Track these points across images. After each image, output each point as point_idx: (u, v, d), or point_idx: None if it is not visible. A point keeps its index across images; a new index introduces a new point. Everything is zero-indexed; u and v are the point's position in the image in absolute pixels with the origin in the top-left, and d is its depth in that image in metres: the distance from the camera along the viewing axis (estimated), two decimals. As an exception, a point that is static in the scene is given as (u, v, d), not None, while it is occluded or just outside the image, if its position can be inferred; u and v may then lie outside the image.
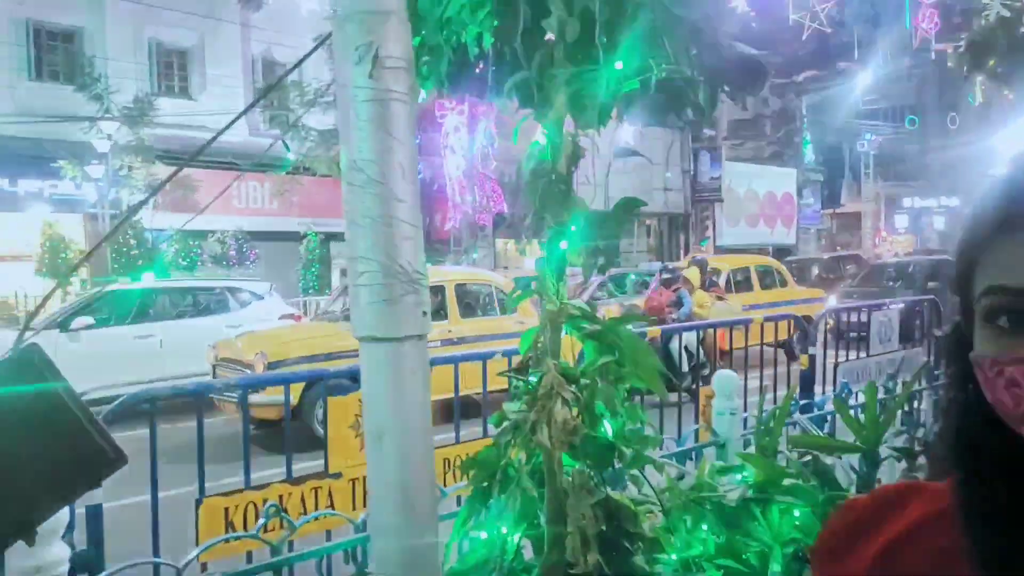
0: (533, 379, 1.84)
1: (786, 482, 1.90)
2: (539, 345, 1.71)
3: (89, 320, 9.30)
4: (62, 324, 9.26)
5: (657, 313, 9.56)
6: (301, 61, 1.77)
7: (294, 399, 7.29)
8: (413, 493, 1.42)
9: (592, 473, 1.81)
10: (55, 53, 18.01)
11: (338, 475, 3.78)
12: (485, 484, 1.95)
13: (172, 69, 19.89)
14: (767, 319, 5.43)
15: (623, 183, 19.38)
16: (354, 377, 4.08)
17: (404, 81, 1.43)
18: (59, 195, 17.18)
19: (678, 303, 9.62)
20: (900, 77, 28.14)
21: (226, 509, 3.41)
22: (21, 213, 16.96)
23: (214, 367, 8.32)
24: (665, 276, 10.15)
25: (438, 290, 9.21)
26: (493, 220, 21.71)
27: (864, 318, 6.08)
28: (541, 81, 1.65)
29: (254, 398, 6.95)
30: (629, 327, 1.76)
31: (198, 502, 3.28)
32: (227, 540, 2.43)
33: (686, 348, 8.72)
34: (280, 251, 19.89)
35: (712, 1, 1.64)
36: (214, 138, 1.68)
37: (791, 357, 5.98)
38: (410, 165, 1.43)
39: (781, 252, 24.91)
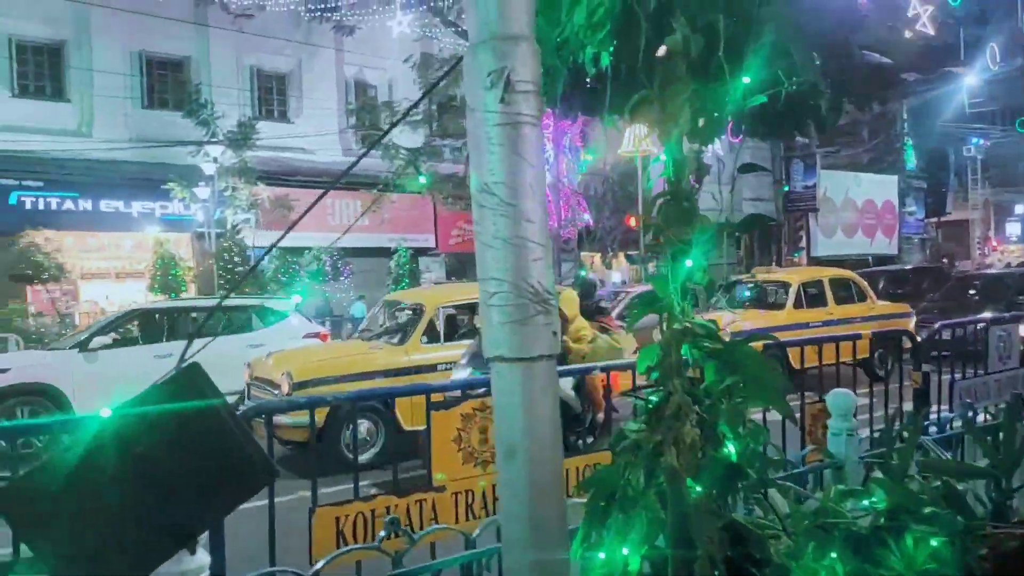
0: (653, 398, 1.83)
1: (925, 510, 1.80)
2: (663, 364, 1.69)
3: (106, 340, 9.24)
4: (81, 344, 9.20)
5: None
6: (435, 85, 1.81)
7: (319, 421, 6.79)
8: (544, 510, 1.43)
9: (716, 496, 1.77)
10: (165, 82, 19.22)
11: (442, 488, 3.85)
12: (603, 504, 1.94)
13: (271, 94, 20.87)
14: (878, 334, 5.16)
15: (708, 193, 18.92)
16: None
17: (533, 104, 1.45)
18: (169, 215, 18.27)
19: None
20: (1010, 77, 26.53)
21: (337, 519, 3.52)
22: (135, 233, 18.14)
23: (248, 386, 8.29)
24: None
25: (472, 308, 8.79)
26: (578, 234, 21.68)
27: (948, 335, 5.67)
28: (663, 98, 1.65)
29: (280, 419, 6.47)
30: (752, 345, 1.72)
31: (311, 511, 3.40)
32: (351, 550, 2.49)
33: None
34: (371, 266, 20.46)
35: (843, 11, 1.59)
36: (361, 156, 1.76)
37: (872, 377, 5.63)
38: (539, 186, 1.45)
39: (882, 263, 23.81)
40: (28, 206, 16.74)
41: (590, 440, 6.85)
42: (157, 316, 10.25)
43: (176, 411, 1.21)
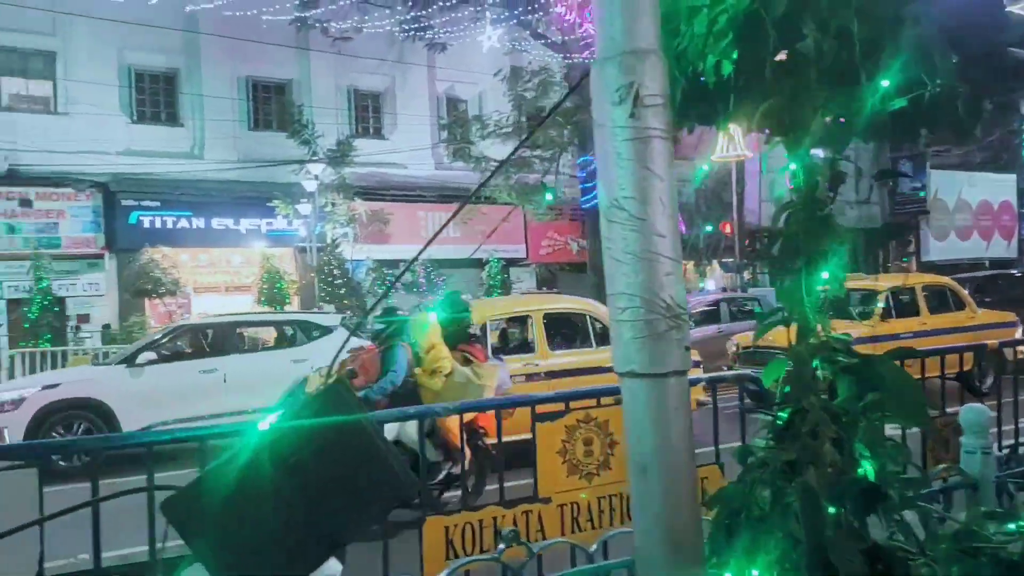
0: (782, 414, 1.77)
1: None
2: (796, 380, 1.64)
3: (152, 355, 9.25)
4: (128, 359, 9.28)
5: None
6: (565, 97, 1.83)
7: None
8: (679, 527, 1.41)
9: (852, 517, 1.70)
10: (269, 104, 20.20)
11: (547, 500, 3.85)
12: (727, 521, 1.89)
13: (367, 112, 21.59)
14: (1004, 344, 4.82)
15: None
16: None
17: (663, 117, 1.44)
18: (274, 231, 19.15)
19: (389, 364, 6.15)
20: None
21: (446, 528, 3.59)
22: (243, 248, 19.10)
23: None
24: (377, 326, 6.48)
25: (523, 320, 8.56)
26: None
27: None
28: (793, 105, 1.60)
29: None
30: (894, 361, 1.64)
31: (421, 520, 3.48)
32: (473, 561, 2.52)
33: (399, 442, 5.53)
34: (464, 277, 20.76)
35: (987, 7, 1.51)
36: (492, 174, 1.78)
37: (973, 391, 5.24)
38: (670, 200, 1.43)
39: (1000, 267, 22.30)
40: (147, 225, 17.89)
41: (458, 493, 5.57)
42: (205, 332, 10.26)
43: (325, 425, 1.26)
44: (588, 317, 8.54)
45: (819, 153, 1.74)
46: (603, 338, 8.26)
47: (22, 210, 16.98)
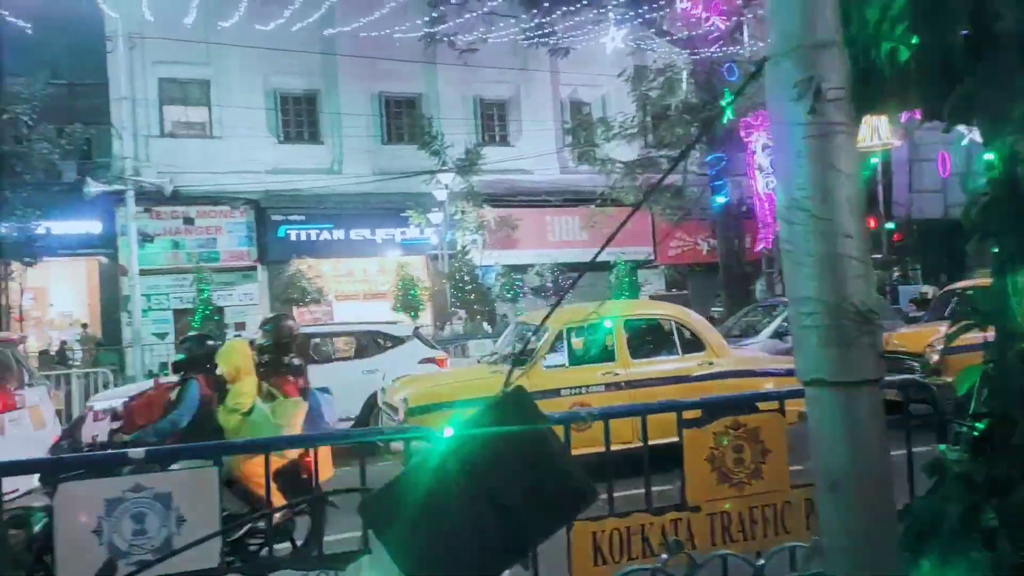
0: (979, 425, 1.63)
1: None
2: (1000, 389, 1.51)
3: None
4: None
5: (130, 427, 5.13)
6: (735, 97, 1.78)
7: None
8: (872, 546, 1.33)
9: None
10: (400, 118, 21.01)
11: (696, 508, 3.76)
12: (915, 540, 1.77)
13: (493, 120, 22.01)
14: None
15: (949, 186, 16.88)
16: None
17: (845, 111, 1.37)
18: (407, 240, 19.90)
19: (177, 402, 5.17)
20: None
21: (593, 534, 3.57)
22: (379, 257, 19.95)
23: (380, 411, 8.39)
24: (177, 357, 5.58)
25: (599, 330, 8.07)
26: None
27: None
28: (988, 92, 1.48)
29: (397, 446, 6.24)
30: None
31: (569, 526, 3.48)
32: (637, 571, 2.50)
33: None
34: (591, 280, 20.66)
35: None
36: (663, 177, 1.76)
37: None
38: (856, 198, 1.36)
39: None
40: (293, 238, 19.08)
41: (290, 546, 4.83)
42: None
43: (506, 432, 1.28)
44: (674, 324, 8.14)
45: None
46: (690, 345, 7.90)
47: (185, 227, 18.57)
